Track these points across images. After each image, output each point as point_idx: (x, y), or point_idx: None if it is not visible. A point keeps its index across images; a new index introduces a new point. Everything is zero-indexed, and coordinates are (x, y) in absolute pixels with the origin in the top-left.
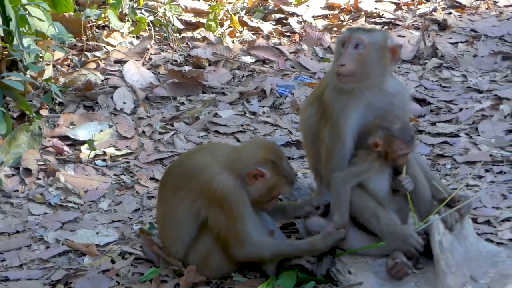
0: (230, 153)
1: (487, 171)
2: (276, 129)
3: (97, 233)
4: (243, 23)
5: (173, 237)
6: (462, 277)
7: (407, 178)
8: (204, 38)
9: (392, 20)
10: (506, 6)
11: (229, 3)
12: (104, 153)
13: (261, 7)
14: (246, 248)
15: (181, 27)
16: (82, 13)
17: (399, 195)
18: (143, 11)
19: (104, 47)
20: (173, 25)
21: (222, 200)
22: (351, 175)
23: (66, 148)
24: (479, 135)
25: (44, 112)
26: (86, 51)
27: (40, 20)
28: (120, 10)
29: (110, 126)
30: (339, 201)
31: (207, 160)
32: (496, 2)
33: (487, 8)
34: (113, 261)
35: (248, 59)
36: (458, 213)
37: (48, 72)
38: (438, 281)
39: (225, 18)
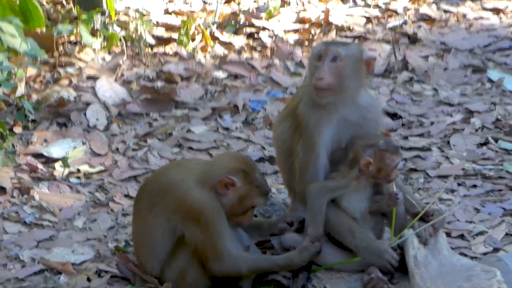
0: (203, 166)
1: (459, 185)
2: (249, 145)
3: (73, 251)
4: (214, 38)
5: (148, 254)
6: None
7: (399, 191)
8: (176, 53)
9: (363, 34)
10: (475, 18)
11: (200, 17)
12: (78, 171)
13: (232, 21)
14: (224, 263)
15: (153, 42)
16: (54, 28)
17: (374, 213)
18: (115, 26)
19: (76, 63)
20: (145, 40)
21: (198, 215)
22: (326, 189)
23: (40, 166)
24: (451, 149)
25: (17, 129)
26: (59, 67)
27: (13, 36)
28: (92, 25)
29: (84, 143)
30: (314, 213)
31: (181, 175)
32: (465, 15)
33: (456, 21)
34: (89, 280)
35: (220, 74)
36: (432, 227)
37: (21, 89)
38: None
39: (196, 32)
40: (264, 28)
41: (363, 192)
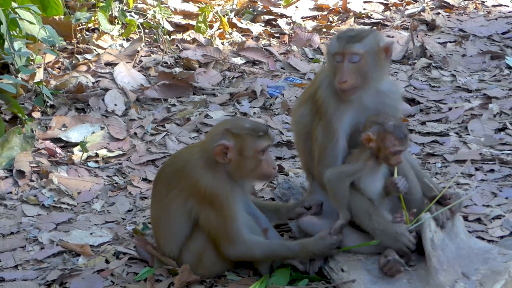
0: (203, 147)
1: (477, 169)
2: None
3: (91, 233)
4: (232, 25)
5: (167, 237)
6: (453, 274)
7: (401, 179)
8: (194, 40)
9: (381, 21)
10: (494, 6)
11: (218, 5)
12: (97, 155)
13: (250, 9)
14: (237, 247)
15: (171, 29)
16: (72, 16)
17: (392, 195)
18: (132, 13)
19: (95, 49)
20: (163, 27)
21: (213, 200)
22: (345, 173)
23: (58, 150)
24: (468, 134)
25: (36, 114)
26: (77, 54)
27: (31, 23)
28: (110, 13)
29: (102, 128)
30: (339, 199)
31: (194, 157)
32: (484, 2)
33: (475, 8)
34: (107, 261)
35: (238, 61)
36: (449, 210)
37: (39, 75)
38: (430, 277)
39: (214, 20)
40: (282, 15)
41: (377, 172)
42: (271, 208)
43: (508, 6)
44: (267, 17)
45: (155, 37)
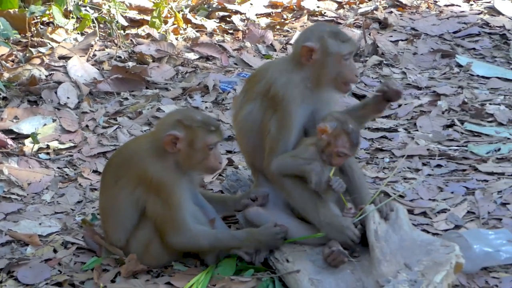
0: (153, 136)
1: (424, 164)
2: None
3: (40, 224)
4: (187, 21)
5: (115, 226)
6: (396, 265)
7: (337, 180)
8: (148, 35)
9: (334, 19)
10: (446, 5)
11: (174, 1)
12: (48, 147)
13: (205, 5)
14: (182, 236)
15: (126, 24)
16: (27, 9)
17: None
18: (87, 8)
19: (49, 43)
20: (117, 22)
21: (159, 188)
22: (293, 154)
23: (10, 142)
24: (417, 130)
25: None
26: (31, 47)
27: None
28: (64, 7)
29: (54, 120)
30: (297, 166)
31: (142, 146)
32: (436, 2)
33: (427, 7)
34: (55, 251)
35: (192, 56)
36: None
37: None
38: (373, 268)
39: (169, 15)
40: (236, 12)
41: (324, 166)
42: (218, 199)
43: (460, 6)
44: (221, 13)
45: (109, 31)
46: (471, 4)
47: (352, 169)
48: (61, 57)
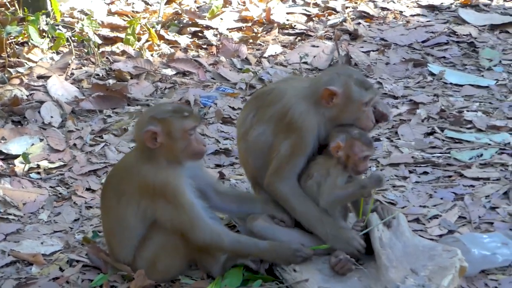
0: (137, 144)
1: (411, 172)
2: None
3: (42, 243)
4: (160, 37)
5: (122, 244)
6: (403, 270)
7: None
8: (124, 52)
9: (305, 31)
10: (412, 15)
11: (143, 17)
12: (38, 166)
13: (176, 21)
14: (204, 232)
15: (99, 41)
16: (2, 30)
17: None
18: (60, 27)
19: (26, 63)
20: (94, 40)
21: (163, 191)
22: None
23: None
24: (399, 139)
25: None
26: (8, 67)
27: None
28: (38, 26)
29: (41, 140)
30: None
31: (133, 158)
32: (402, 12)
33: (394, 18)
34: (61, 269)
35: (169, 72)
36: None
37: None
38: (381, 274)
39: (142, 32)
40: (208, 27)
41: (339, 180)
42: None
43: (426, 16)
44: (193, 29)
45: (86, 50)
46: (436, 14)
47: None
48: (40, 77)
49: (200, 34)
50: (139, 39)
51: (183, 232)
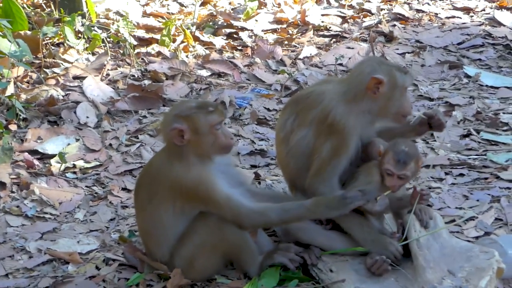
0: (165, 143)
1: (446, 173)
2: (239, 139)
3: (78, 241)
4: (195, 38)
5: (158, 243)
6: (440, 272)
7: (384, 200)
8: (159, 53)
9: (340, 33)
10: (447, 17)
11: (178, 19)
12: (74, 166)
13: (211, 23)
14: (250, 218)
15: (135, 43)
16: (39, 30)
17: None
18: (95, 28)
19: (61, 63)
20: (130, 41)
21: (196, 191)
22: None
23: (36, 162)
24: (435, 141)
25: (12, 127)
26: (44, 68)
27: (3, 37)
28: (74, 27)
29: (77, 140)
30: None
31: (163, 158)
32: (438, 14)
33: (429, 20)
34: (97, 268)
35: (204, 73)
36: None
37: (10, 89)
38: (418, 275)
39: (177, 33)
40: (243, 28)
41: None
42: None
43: (461, 18)
44: (228, 30)
45: (121, 51)
46: (472, 16)
47: None
48: (76, 77)
49: (235, 35)
50: (174, 40)
51: (232, 222)
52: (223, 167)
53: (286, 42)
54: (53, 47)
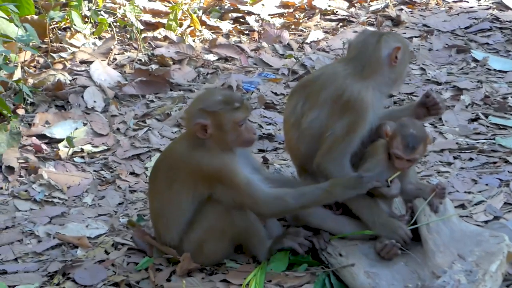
0: (186, 130)
1: (455, 158)
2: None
3: (87, 226)
4: (202, 23)
5: (169, 227)
6: (450, 255)
7: (397, 183)
8: (166, 38)
9: (346, 17)
10: (454, 1)
11: (185, 3)
12: (82, 150)
13: (217, 7)
14: (268, 205)
15: (142, 27)
16: (46, 15)
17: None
18: (102, 12)
19: (68, 48)
20: (136, 26)
21: (219, 177)
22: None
23: (44, 146)
24: (443, 125)
25: (20, 111)
26: (51, 52)
27: (11, 21)
28: (80, 12)
29: (85, 124)
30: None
31: (184, 145)
32: None
33: (436, 4)
34: (106, 252)
35: (211, 57)
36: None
37: (18, 74)
38: (428, 259)
39: (183, 18)
40: (249, 13)
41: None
42: None
43: (468, 2)
44: (234, 14)
45: (128, 35)
46: (479, 0)
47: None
48: (83, 62)
49: (241, 20)
50: (181, 25)
51: (249, 209)
52: (242, 153)
53: (293, 27)
54: (60, 32)
